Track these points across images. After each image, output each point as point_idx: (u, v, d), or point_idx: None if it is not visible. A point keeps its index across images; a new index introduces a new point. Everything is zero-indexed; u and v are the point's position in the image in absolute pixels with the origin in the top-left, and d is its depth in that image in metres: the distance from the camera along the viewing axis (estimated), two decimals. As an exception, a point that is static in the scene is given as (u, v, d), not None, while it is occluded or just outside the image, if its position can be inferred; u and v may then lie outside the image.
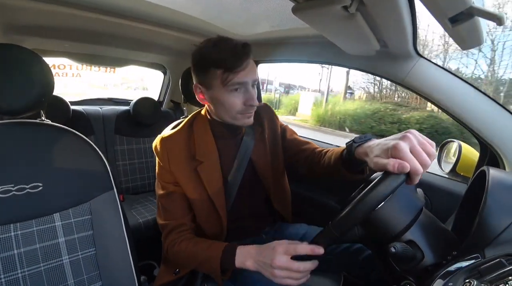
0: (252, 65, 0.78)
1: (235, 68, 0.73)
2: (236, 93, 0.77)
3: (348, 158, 0.70)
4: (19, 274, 0.64)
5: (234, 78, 0.74)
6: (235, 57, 0.72)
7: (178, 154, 0.84)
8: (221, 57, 0.73)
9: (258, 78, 0.81)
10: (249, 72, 0.75)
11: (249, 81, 0.76)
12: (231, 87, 0.75)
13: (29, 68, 0.70)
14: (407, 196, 0.63)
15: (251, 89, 0.77)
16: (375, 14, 0.61)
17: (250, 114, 0.81)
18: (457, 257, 0.52)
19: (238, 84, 0.75)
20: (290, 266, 0.63)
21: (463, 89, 0.84)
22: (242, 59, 0.73)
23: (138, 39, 1.44)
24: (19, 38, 1.26)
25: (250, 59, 0.76)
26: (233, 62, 0.72)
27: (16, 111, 0.70)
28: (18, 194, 0.67)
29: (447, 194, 0.96)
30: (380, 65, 0.94)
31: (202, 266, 0.78)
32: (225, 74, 0.73)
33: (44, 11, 1.00)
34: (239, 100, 0.77)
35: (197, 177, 0.84)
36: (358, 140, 0.66)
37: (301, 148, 0.98)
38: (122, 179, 1.76)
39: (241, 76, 0.74)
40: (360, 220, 0.55)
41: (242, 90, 0.77)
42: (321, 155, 0.90)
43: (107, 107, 1.87)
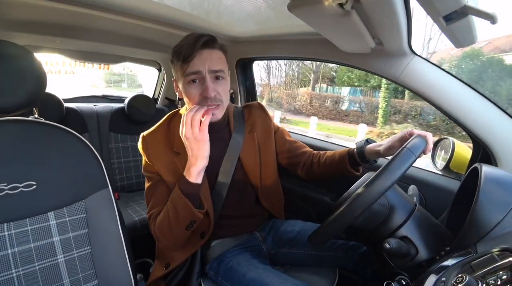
0: (212, 55, 0.78)
1: (187, 58, 0.75)
2: (194, 85, 0.78)
3: (355, 154, 0.89)
4: (14, 273, 0.63)
5: (188, 67, 0.76)
6: (188, 47, 0.75)
7: (157, 146, 0.86)
8: (179, 49, 0.76)
9: (222, 70, 0.79)
10: (204, 62, 0.76)
11: (203, 71, 0.76)
12: (188, 78, 0.77)
13: (21, 64, 0.69)
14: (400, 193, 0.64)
15: (208, 81, 0.77)
16: (371, 11, 0.61)
17: (213, 109, 0.79)
18: (450, 252, 0.53)
19: (192, 74, 0.76)
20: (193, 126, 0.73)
21: (457, 87, 0.84)
22: (194, 49, 0.75)
23: (133, 35, 1.43)
24: (10, 34, 1.23)
25: (210, 50, 0.77)
26: (186, 52, 0.75)
27: (8, 109, 0.69)
28: (11, 193, 0.66)
29: (441, 190, 0.98)
30: (375, 63, 0.94)
31: (177, 213, 0.78)
32: (182, 65, 0.77)
33: (36, 6, 0.98)
34: (196, 92, 0.78)
35: (176, 168, 0.85)
36: (370, 141, 0.89)
37: (301, 151, 1.02)
38: (117, 177, 1.75)
39: (195, 65, 0.76)
40: (358, 217, 0.55)
41: (200, 81, 0.78)
42: (320, 156, 0.98)
43: (101, 105, 1.85)
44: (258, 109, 1.02)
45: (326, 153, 0.98)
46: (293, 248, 0.96)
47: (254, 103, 1.05)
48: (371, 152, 0.86)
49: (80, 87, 8.44)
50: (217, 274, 0.87)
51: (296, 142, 1.05)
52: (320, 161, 0.97)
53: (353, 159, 0.90)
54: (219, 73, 0.79)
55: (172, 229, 0.79)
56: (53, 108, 1.51)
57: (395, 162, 0.55)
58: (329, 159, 0.96)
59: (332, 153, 0.97)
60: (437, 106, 0.86)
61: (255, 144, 0.96)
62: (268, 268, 0.82)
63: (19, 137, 0.71)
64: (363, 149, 0.87)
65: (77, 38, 1.42)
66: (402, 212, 0.61)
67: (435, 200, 0.97)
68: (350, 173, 0.92)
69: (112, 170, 1.73)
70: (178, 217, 0.78)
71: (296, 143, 1.04)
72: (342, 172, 0.93)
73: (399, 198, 0.63)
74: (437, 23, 0.57)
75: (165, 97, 2.13)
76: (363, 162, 0.89)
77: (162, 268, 0.90)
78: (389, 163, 0.56)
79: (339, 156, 0.93)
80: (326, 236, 0.60)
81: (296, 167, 1.02)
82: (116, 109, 1.83)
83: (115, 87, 16.15)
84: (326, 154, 0.98)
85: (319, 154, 1.00)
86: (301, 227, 1.01)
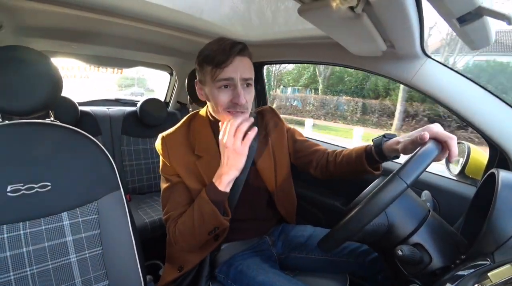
0: (244, 63, 0.78)
1: (221, 64, 0.75)
2: (225, 90, 0.78)
3: (373, 152, 0.82)
4: (28, 272, 0.65)
5: (220, 73, 0.76)
6: (222, 53, 0.75)
7: (178, 148, 0.86)
8: (211, 54, 0.76)
9: (252, 77, 0.80)
10: (237, 69, 0.76)
11: (235, 78, 0.76)
12: (219, 83, 0.77)
13: (38, 69, 0.71)
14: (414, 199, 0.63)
15: (239, 88, 0.77)
16: (382, 14, 0.60)
17: (238, 115, 0.79)
18: (466, 261, 0.51)
19: (224, 80, 0.76)
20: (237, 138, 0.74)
21: (472, 90, 0.82)
22: (229, 56, 0.75)
23: (145, 41, 1.46)
24: (28, 40, 1.28)
25: (241, 57, 0.78)
26: (220, 58, 0.75)
27: (25, 111, 0.71)
28: (27, 193, 0.68)
29: (456, 196, 0.95)
30: (387, 66, 0.93)
31: (202, 219, 0.78)
32: (213, 70, 0.76)
33: (52, 13, 1.01)
34: (226, 98, 0.78)
35: (197, 171, 0.85)
36: (387, 136, 0.81)
37: (312, 149, 0.99)
38: (129, 179, 1.78)
39: (228, 72, 0.76)
40: (369, 221, 0.54)
41: (231, 88, 0.78)
42: (336, 154, 0.94)
43: (115, 108, 1.89)
44: (270, 113, 1.02)
45: (342, 151, 0.93)
46: (303, 253, 0.95)
47: (266, 107, 1.05)
48: (389, 149, 0.78)
49: (96, 91, 8.68)
50: (226, 278, 0.87)
51: (306, 141, 1.03)
52: (337, 160, 0.93)
53: (371, 157, 0.84)
54: (249, 81, 0.80)
55: (195, 233, 0.80)
56: (68, 112, 1.55)
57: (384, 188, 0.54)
58: (346, 158, 0.90)
59: (349, 151, 0.92)
60: (451, 110, 0.84)
61: (269, 148, 0.96)
62: (278, 273, 0.82)
63: (36, 139, 0.73)
64: (381, 146, 0.80)
65: (92, 43, 1.46)
66: (415, 219, 0.59)
67: (449, 206, 0.95)
68: (369, 172, 0.86)
69: (124, 172, 1.76)
70: (204, 223, 0.78)
71: (307, 142, 1.03)
72: (360, 171, 0.87)
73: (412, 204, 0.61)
74: (451, 25, 0.56)
75: (176, 101, 2.16)
76: (382, 159, 0.82)
77: (175, 271, 0.90)
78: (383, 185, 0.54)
79: (356, 154, 0.87)
80: (335, 242, 0.59)
81: (309, 166, 1.00)
82: (129, 112, 1.86)
83: (126, 89, 16.53)
84: (342, 153, 0.93)
85: (335, 152, 0.95)
86: (311, 232, 1.00)
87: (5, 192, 0.66)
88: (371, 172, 0.85)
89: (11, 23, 1.05)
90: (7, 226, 0.65)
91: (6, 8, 0.95)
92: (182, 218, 0.82)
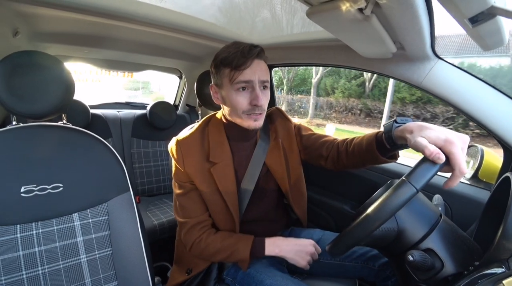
0: (262, 66, 0.79)
1: (240, 66, 0.76)
2: (243, 93, 0.78)
3: (384, 138, 0.71)
4: (40, 271, 0.66)
5: (239, 76, 0.76)
6: (241, 56, 0.75)
7: (193, 155, 0.86)
8: (229, 56, 0.76)
9: (268, 80, 0.81)
10: (255, 72, 0.77)
11: (254, 80, 0.77)
12: (237, 86, 0.77)
13: (52, 73, 0.73)
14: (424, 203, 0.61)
15: (258, 90, 0.78)
16: (391, 15, 0.59)
17: (257, 117, 0.81)
18: (480, 268, 0.50)
19: (243, 82, 0.77)
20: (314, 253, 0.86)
21: (486, 91, 0.80)
22: (248, 58, 0.76)
23: (155, 44, 1.48)
24: (43, 45, 1.32)
25: (259, 60, 0.79)
26: (239, 61, 0.75)
27: (39, 115, 0.73)
28: (40, 194, 0.69)
29: (469, 201, 0.92)
30: (397, 68, 0.92)
31: (231, 257, 0.83)
32: (231, 72, 0.77)
33: (66, 19, 1.04)
34: (245, 100, 0.78)
35: (211, 177, 0.85)
36: (399, 121, 0.67)
37: (320, 141, 0.95)
38: (138, 181, 1.80)
39: (246, 74, 0.76)
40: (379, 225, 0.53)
41: (249, 90, 0.79)
42: (347, 144, 0.88)
43: (125, 111, 1.92)
44: (278, 115, 1.02)
45: (353, 140, 0.86)
46: None
47: (274, 109, 1.04)
48: (401, 137, 0.64)
49: (108, 95, 8.88)
50: (234, 280, 0.86)
51: (314, 134, 1.00)
52: (348, 150, 0.85)
53: (382, 145, 0.73)
54: (266, 84, 0.81)
55: (215, 255, 0.85)
56: (80, 114, 1.58)
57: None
58: (357, 147, 0.82)
59: (359, 139, 0.83)
60: (464, 112, 0.82)
61: (280, 150, 0.96)
62: (286, 276, 0.81)
63: (49, 142, 0.75)
64: (392, 133, 0.68)
65: (103, 47, 1.49)
66: (426, 223, 0.58)
67: (462, 210, 0.92)
68: (382, 161, 0.76)
69: (134, 174, 1.79)
70: (229, 257, 0.84)
71: (314, 135, 0.99)
72: (372, 161, 0.78)
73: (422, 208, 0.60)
74: (462, 25, 0.55)
75: (185, 104, 2.18)
76: (394, 147, 0.71)
77: (183, 273, 0.91)
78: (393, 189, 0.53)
79: (366, 142, 0.79)
80: (344, 246, 0.58)
81: (319, 159, 0.95)
82: (139, 115, 1.89)
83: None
84: (353, 141, 0.85)
85: (346, 142, 0.88)
86: (320, 236, 0.98)
87: (18, 192, 0.67)
88: (385, 161, 0.76)
89: (27, 29, 1.08)
90: (20, 226, 0.66)
91: (22, 15, 0.98)
92: (212, 240, 0.85)
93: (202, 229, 0.87)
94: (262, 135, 0.95)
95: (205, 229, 0.88)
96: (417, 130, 0.57)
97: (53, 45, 1.38)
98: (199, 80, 1.35)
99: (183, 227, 0.87)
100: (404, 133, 0.61)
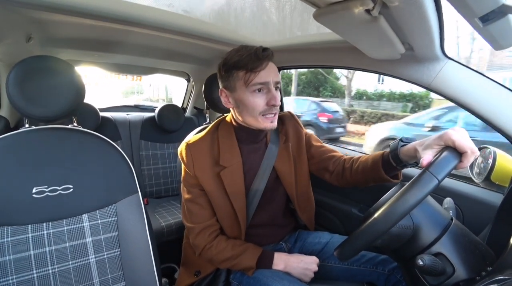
0: (274, 68, 0.81)
1: (255, 68, 0.76)
2: (259, 94, 0.79)
3: (389, 158, 0.77)
4: (50, 270, 0.68)
5: (255, 78, 0.77)
6: (256, 58, 0.76)
7: (203, 159, 0.86)
8: (243, 59, 0.77)
9: (280, 81, 0.83)
10: (270, 73, 0.78)
11: (270, 82, 0.78)
12: (253, 88, 0.78)
13: (63, 77, 0.75)
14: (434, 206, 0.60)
15: (273, 90, 0.79)
16: (399, 16, 0.59)
17: (273, 117, 0.82)
18: (493, 273, 0.48)
19: (259, 84, 0.78)
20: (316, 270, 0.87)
21: (497, 92, 0.78)
22: (262, 60, 0.76)
23: (164, 48, 1.50)
24: (55, 50, 1.35)
25: (271, 62, 0.80)
26: (254, 63, 0.76)
27: (50, 117, 0.75)
28: (51, 195, 0.71)
29: (481, 204, 0.90)
30: (406, 69, 0.91)
31: (238, 266, 0.84)
32: (247, 74, 0.77)
33: (77, 24, 1.07)
34: (261, 101, 0.79)
35: (220, 182, 0.85)
36: (405, 140, 0.75)
37: (328, 155, 0.97)
38: (147, 183, 1.82)
39: (262, 76, 0.77)
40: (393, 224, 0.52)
41: (264, 91, 0.79)
42: (353, 161, 0.91)
43: (134, 114, 1.95)
44: (290, 119, 1.02)
45: (360, 158, 0.89)
46: (320, 260, 0.93)
47: (286, 113, 1.04)
48: (407, 155, 0.71)
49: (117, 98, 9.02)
50: (240, 284, 0.86)
51: (323, 146, 1.01)
52: (353, 167, 0.89)
53: (388, 164, 0.78)
54: (279, 85, 0.83)
55: (224, 262, 0.85)
56: (90, 117, 1.61)
57: (413, 187, 0.51)
58: (362, 165, 0.86)
59: (366, 157, 0.87)
60: (475, 114, 0.80)
61: (289, 154, 0.96)
62: (293, 280, 0.80)
63: (60, 144, 0.76)
64: (398, 151, 0.74)
65: (113, 52, 1.52)
66: (436, 227, 0.57)
67: (474, 214, 0.90)
68: (386, 181, 0.80)
69: (142, 176, 1.81)
70: (236, 265, 0.84)
71: (322, 147, 1.00)
72: (376, 179, 0.82)
73: (432, 211, 0.59)
74: (473, 25, 0.54)
75: (193, 107, 2.20)
76: (400, 165, 0.76)
77: (191, 275, 0.91)
78: (407, 188, 0.52)
79: (372, 161, 0.82)
80: (352, 250, 0.57)
81: (324, 173, 0.97)
82: (147, 118, 1.92)
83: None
84: (360, 159, 0.89)
85: (352, 159, 0.91)
86: (329, 239, 0.97)
87: (30, 193, 0.69)
88: (389, 180, 0.80)
89: (40, 35, 1.11)
90: (32, 226, 0.68)
91: (36, 21, 1.01)
92: (222, 248, 0.85)
93: (212, 234, 0.87)
94: (272, 138, 0.95)
95: (215, 234, 0.88)
96: (419, 146, 0.66)
97: (65, 50, 1.41)
98: (207, 83, 1.36)
99: (191, 232, 0.88)
100: (410, 152, 0.70)
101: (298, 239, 1.02)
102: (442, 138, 0.58)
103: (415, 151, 0.67)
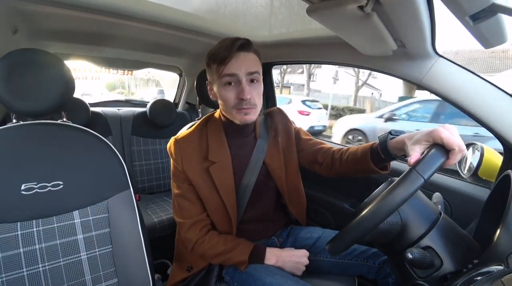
0: (248, 58, 0.78)
1: (224, 60, 0.75)
2: (229, 87, 0.78)
3: (378, 149, 0.77)
4: (40, 268, 0.67)
5: (224, 69, 0.76)
6: (225, 50, 0.75)
7: (191, 154, 0.86)
8: (216, 52, 0.77)
9: (258, 71, 0.80)
10: (241, 65, 0.76)
11: (239, 73, 0.76)
12: (224, 80, 0.77)
13: (52, 71, 0.73)
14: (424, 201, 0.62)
15: (244, 83, 0.77)
16: (392, 13, 0.59)
17: (247, 111, 0.79)
18: (479, 266, 0.50)
19: (227, 75, 0.76)
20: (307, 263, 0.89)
21: (486, 90, 0.80)
22: (231, 51, 0.75)
23: (155, 42, 1.48)
24: (42, 43, 1.31)
25: (245, 53, 0.78)
26: (223, 54, 0.75)
27: (39, 112, 0.73)
28: (40, 192, 0.69)
29: (468, 198, 0.92)
30: (397, 65, 0.92)
31: (230, 260, 0.85)
32: (218, 67, 0.77)
33: (65, 16, 1.04)
34: (231, 95, 0.78)
35: (209, 177, 0.85)
36: (394, 133, 0.75)
37: (317, 147, 0.98)
38: (139, 178, 1.80)
39: (230, 67, 0.76)
40: (383, 219, 0.53)
41: (236, 84, 0.78)
42: (342, 152, 0.91)
43: (125, 109, 1.92)
44: (279, 115, 1.02)
45: (349, 149, 0.90)
46: (312, 255, 0.94)
47: (275, 109, 1.04)
48: (396, 148, 0.72)
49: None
50: (233, 279, 0.87)
51: (311, 139, 1.02)
52: (342, 158, 0.89)
53: (377, 155, 0.78)
54: (255, 76, 0.79)
55: (216, 257, 0.86)
56: (80, 112, 1.58)
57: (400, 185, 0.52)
58: (351, 156, 0.86)
59: (355, 149, 0.88)
60: (464, 110, 0.82)
61: (279, 149, 0.96)
62: (285, 275, 0.81)
63: (49, 140, 0.75)
64: (387, 143, 0.74)
65: (103, 45, 1.49)
66: (425, 222, 0.58)
67: (461, 208, 0.92)
68: (375, 172, 0.81)
69: (134, 172, 1.79)
70: (228, 260, 0.85)
71: (311, 140, 1.01)
72: (365, 170, 0.83)
73: (422, 207, 0.60)
74: (463, 23, 0.55)
75: (185, 102, 2.18)
76: (388, 158, 0.76)
77: (183, 271, 0.91)
78: (394, 186, 0.53)
79: (361, 152, 0.83)
80: (343, 244, 0.58)
81: (314, 165, 0.98)
82: (139, 113, 1.89)
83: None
84: (349, 150, 0.89)
85: (341, 150, 0.92)
86: (320, 234, 0.99)
87: (19, 190, 0.68)
88: (377, 172, 0.81)
89: (26, 27, 1.08)
90: (21, 224, 0.67)
91: (22, 13, 0.97)
92: (215, 243, 0.86)
93: (203, 229, 0.87)
94: (262, 134, 0.95)
95: (206, 229, 0.88)
96: (408, 139, 0.66)
97: (53, 43, 1.37)
98: (198, 78, 1.35)
99: (182, 227, 0.88)
100: (399, 145, 0.70)
101: (290, 234, 1.03)
102: (431, 135, 0.58)
103: (403, 144, 0.67)
